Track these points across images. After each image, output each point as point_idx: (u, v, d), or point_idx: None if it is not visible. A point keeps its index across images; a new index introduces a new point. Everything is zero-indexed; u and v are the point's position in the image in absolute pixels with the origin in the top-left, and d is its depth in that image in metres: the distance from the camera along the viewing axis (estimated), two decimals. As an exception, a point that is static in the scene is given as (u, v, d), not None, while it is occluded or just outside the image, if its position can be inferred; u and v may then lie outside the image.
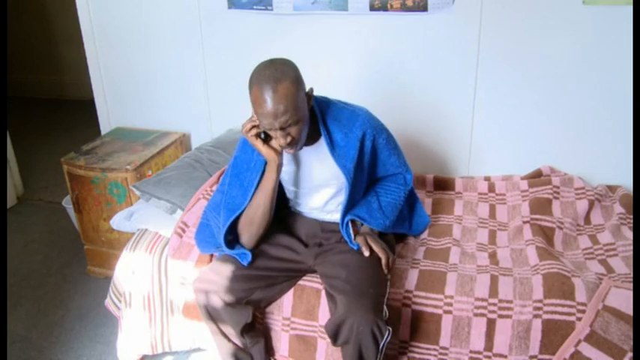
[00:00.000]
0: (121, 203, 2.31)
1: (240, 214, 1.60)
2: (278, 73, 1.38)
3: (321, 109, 1.57)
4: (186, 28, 2.54)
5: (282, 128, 1.42)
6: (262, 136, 1.50)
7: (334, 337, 1.47)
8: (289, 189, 1.71)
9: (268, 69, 1.40)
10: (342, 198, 1.64)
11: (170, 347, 1.95)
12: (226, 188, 1.67)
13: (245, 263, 1.59)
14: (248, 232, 1.61)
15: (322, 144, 1.58)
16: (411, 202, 1.87)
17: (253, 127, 1.49)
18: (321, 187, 1.65)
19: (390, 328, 1.44)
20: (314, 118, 1.55)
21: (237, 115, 2.65)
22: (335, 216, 1.68)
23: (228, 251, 1.62)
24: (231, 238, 1.63)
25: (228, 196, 1.65)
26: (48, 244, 2.79)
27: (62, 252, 2.71)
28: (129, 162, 2.33)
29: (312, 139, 1.58)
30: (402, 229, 1.84)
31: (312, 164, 1.61)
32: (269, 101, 1.37)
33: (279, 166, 1.53)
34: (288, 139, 1.44)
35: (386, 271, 1.57)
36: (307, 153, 1.60)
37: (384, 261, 1.56)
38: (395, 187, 1.74)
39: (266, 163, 1.56)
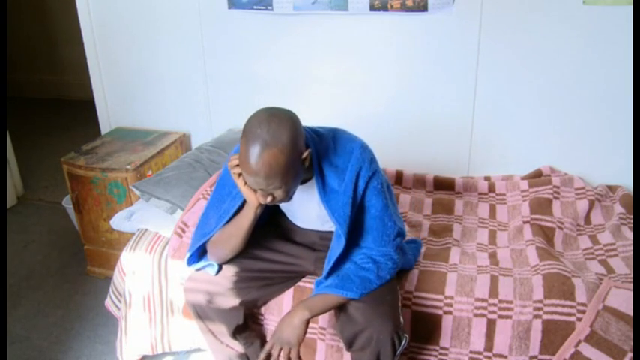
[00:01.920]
0: (121, 203, 2.31)
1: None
2: (269, 137, 1.25)
3: (317, 150, 1.43)
4: (186, 28, 2.54)
5: (262, 189, 1.33)
6: None
7: (350, 343, 1.44)
8: (282, 209, 1.64)
9: (262, 127, 1.26)
10: None
11: (170, 347, 1.94)
12: (206, 207, 1.59)
13: (213, 274, 1.56)
14: (216, 256, 1.55)
15: (315, 185, 1.46)
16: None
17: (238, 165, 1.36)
18: (315, 218, 1.57)
19: (407, 335, 1.42)
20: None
21: (237, 115, 2.65)
22: (331, 224, 1.57)
23: (193, 266, 1.59)
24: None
25: (205, 216, 1.58)
26: (48, 244, 2.79)
27: (62, 252, 2.71)
28: (129, 162, 2.33)
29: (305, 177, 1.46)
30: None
31: (303, 202, 1.52)
32: (252, 163, 1.26)
33: (258, 208, 1.43)
34: (269, 199, 1.35)
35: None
36: (300, 190, 1.47)
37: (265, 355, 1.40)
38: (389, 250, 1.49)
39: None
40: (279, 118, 1.29)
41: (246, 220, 1.46)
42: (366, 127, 2.25)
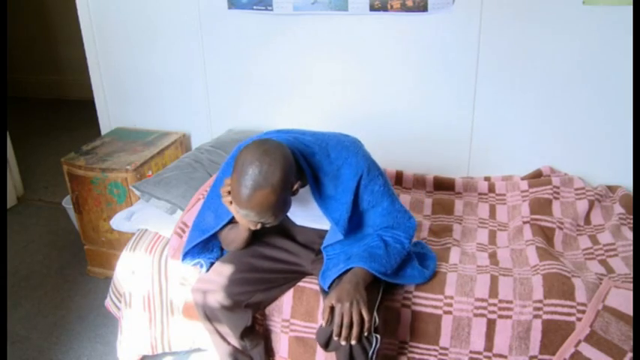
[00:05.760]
0: (121, 203, 2.31)
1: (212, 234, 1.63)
2: (262, 178, 1.26)
3: (310, 163, 1.45)
4: (186, 28, 2.54)
5: (253, 221, 1.37)
6: None
7: (325, 345, 1.43)
8: None
9: (254, 167, 1.26)
10: None
11: (170, 347, 1.94)
12: (202, 205, 1.65)
13: (203, 271, 1.66)
14: (227, 248, 1.67)
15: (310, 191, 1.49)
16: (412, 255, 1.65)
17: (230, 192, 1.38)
18: (313, 216, 1.58)
19: (378, 336, 1.39)
20: (301, 169, 1.43)
21: (237, 115, 2.66)
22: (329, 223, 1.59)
23: (187, 262, 1.69)
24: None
25: (201, 216, 1.64)
26: (48, 244, 2.79)
27: (62, 252, 2.71)
28: (129, 162, 2.33)
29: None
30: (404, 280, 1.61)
31: (302, 203, 1.54)
32: (244, 201, 1.29)
33: (249, 230, 1.50)
34: (259, 226, 1.40)
35: (355, 341, 1.34)
36: (296, 196, 1.45)
37: (355, 334, 1.33)
38: (400, 233, 1.55)
39: None
40: (270, 157, 1.28)
41: (243, 232, 1.54)
42: (366, 127, 2.26)
